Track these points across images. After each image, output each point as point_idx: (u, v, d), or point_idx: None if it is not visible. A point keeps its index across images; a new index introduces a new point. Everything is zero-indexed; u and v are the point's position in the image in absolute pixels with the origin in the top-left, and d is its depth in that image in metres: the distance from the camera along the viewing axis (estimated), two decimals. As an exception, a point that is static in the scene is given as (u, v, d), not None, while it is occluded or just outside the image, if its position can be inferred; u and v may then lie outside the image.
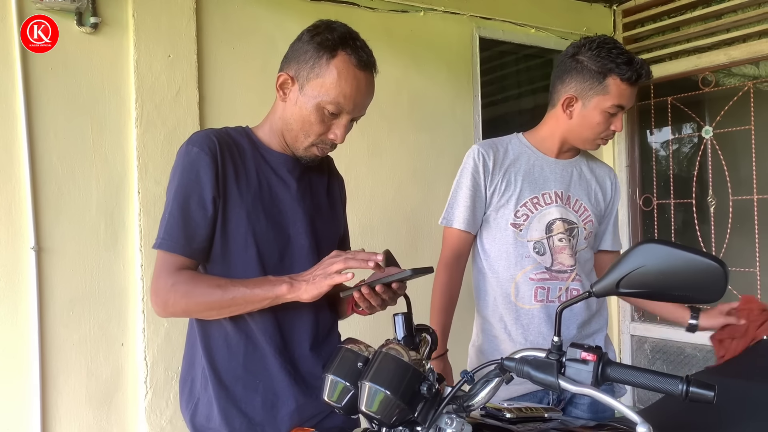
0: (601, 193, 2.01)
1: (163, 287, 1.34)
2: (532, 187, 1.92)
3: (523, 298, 1.90)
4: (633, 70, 1.80)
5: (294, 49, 1.42)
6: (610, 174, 2.06)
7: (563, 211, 1.91)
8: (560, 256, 1.90)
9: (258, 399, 1.39)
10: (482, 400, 1.17)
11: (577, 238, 1.92)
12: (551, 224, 1.90)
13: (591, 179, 2.00)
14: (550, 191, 1.92)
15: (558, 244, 1.89)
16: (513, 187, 1.91)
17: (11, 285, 2.29)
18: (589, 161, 2.04)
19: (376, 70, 1.43)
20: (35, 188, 2.33)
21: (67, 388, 2.39)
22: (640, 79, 1.82)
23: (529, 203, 1.91)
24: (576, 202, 1.94)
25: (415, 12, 3.28)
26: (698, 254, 0.97)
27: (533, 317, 1.89)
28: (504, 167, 1.93)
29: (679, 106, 3.85)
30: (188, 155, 1.37)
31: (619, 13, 3.99)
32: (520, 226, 1.90)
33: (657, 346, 3.85)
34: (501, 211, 1.92)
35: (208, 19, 2.70)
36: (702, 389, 0.98)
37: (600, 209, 2.00)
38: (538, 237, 1.89)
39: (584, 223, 1.94)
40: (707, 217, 3.73)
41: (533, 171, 1.94)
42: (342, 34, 1.38)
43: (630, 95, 1.84)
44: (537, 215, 1.90)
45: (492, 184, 1.93)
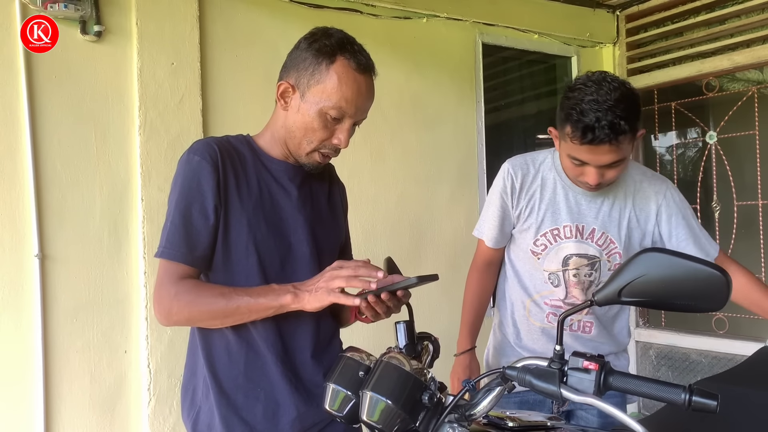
0: (641, 218, 1.83)
1: (166, 296, 1.33)
2: (555, 218, 1.84)
3: (535, 316, 1.91)
4: (585, 131, 1.57)
5: (292, 57, 1.43)
6: (659, 192, 1.83)
7: (580, 246, 1.83)
8: (574, 290, 1.86)
9: (259, 407, 1.39)
10: (484, 409, 1.16)
11: (599, 271, 1.84)
12: (568, 259, 1.85)
13: (626, 206, 1.82)
14: (571, 225, 1.83)
15: (572, 279, 1.85)
16: (535, 215, 1.86)
17: (15, 292, 2.30)
18: (629, 182, 1.83)
19: (375, 73, 1.43)
20: (39, 195, 2.34)
21: (70, 395, 2.39)
22: (595, 142, 1.57)
23: (549, 234, 1.86)
24: (602, 236, 1.82)
25: (418, 18, 3.28)
26: (700, 263, 0.97)
27: (543, 334, 1.91)
28: (530, 192, 1.87)
29: (683, 111, 3.84)
30: (189, 164, 1.37)
31: (622, 18, 3.99)
32: (539, 255, 1.88)
33: (662, 352, 3.83)
34: (523, 235, 1.91)
35: (211, 26, 2.71)
36: (705, 398, 0.97)
37: (639, 235, 1.84)
38: (554, 269, 1.86)
39: (608, 256, 1.83)
40: (712, 222, 3.72)
41: (556, 200, 1.85)
42: (339, 39, 1.38)
43: (588, 153, 1.61)
44: (555, 247, 1.85)
45: (517, 207, 1.90)
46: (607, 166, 1.65)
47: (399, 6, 3.19)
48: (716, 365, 3.57)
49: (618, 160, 1.64)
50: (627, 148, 1.64)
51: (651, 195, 1.84)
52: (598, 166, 1.65)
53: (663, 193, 1.84)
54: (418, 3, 3.25)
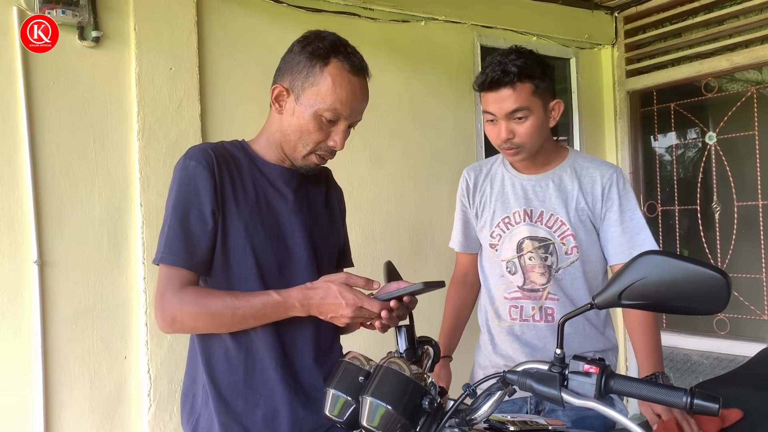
0: (589, 201, 1.84)
1: (169, 304, 1.33)
2: (505, 206, 1.91)
3: (501, 317, 1.93)
4: (483, 75, 1.77)
5: (286, 61, 1.43)
6: (604, 175, 1.85)
7: (532, 229, 1.86)
8: (531, 274, 1.87)
9: (258, 413, 1.39)
10: (485, 414, 1.16)
11: (556, 255, 1.85)
12: (521, 243, 1.87)
13: (572, 188, 1.85)
14: (519, 209, 1.88)
15: (529, 262, 1.86)
16: (489, 208, 1.95)
17: (14, 299, 2.29)
18: (575, 167, 1.88)
19: (369, 75, 1.44)
20: (38, 202, 2.33)
21: (70, 401, 2.38)
22: (491, 83, 1.75)
23: (501, 223, 1.91)
24: (550, 217, 1.85)
25: (416, 21, 3.28)
26: (700, 265, 0.96)
27: (509, 335, 1.90)
28: (482, 189, 1.98)
29: (682, 112, 3.84)
30: (185, 169, 1.37)
31: (620, 20, 3.99)
32: (496, 246, 1.92)
33: (663, 353, 3.81)
34: (483, 232, 1.98)
35: (209, 31, 2.71)
36: (707, 401, 0.96)
37: (589, 218, 1.85)
38: (509, 256, 1.89)
39: (561, 238, 1.84)
40: (712, 223, 3.71)
41: (504, 190, 1.93)
42: (332, 41, 1.39)
43: (492, 102, 1.77)
44: (508, 235, 1.90)
45: (473, 205, 2.01)
46: (515, 120, 1.76)
47: (397, 9, 3.19)
48: (718, 366, 3.57)
49: (520, 109, 1.74)
50: (530, 99, 1.75)
51: (597, 177, 1.85)
52: (505, 116, 1.75)
53: (609, 176, 1.85)
54: (416, 6, 3.25)
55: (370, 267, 2.12)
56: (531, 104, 1.75)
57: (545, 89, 1.80)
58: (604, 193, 1.84)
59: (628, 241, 1.81)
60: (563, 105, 1.88)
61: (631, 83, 3.99)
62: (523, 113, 1.75)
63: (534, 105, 1.76)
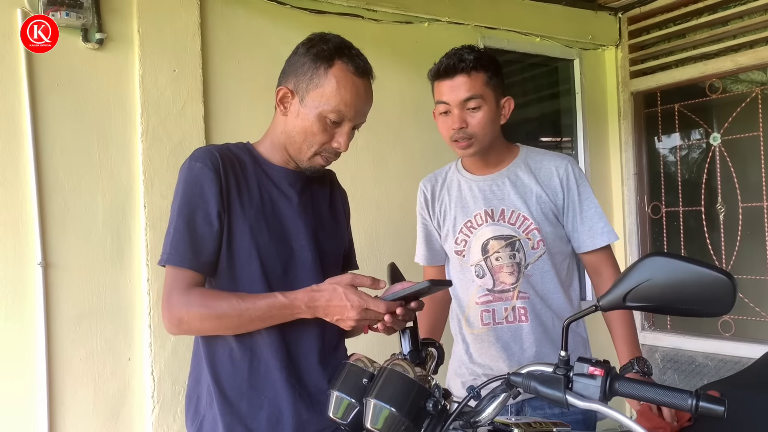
0: (549, 193, 1.85)
1: (176, 305, 1.33)
2: (465, 211, 1.90)
3: (472, 324, 1.90)
4: (439, 64, 1.83)
5: (291, 63, 1.44)
6: (559, 166, 1.86)
7: (495, 229, 1.85)
8: (500, 275, 1.85)
9: (263, 415, 1.39)
10: (489, 416, 1.15)
11: (523, 251, 1.84)
12: (486, 244, 1.86)
13: (530, 183, 1.85)
14: (480, 211, 1.87)
15: (496, 263, 1.84)
16: (450, 216, 1.94)
17: (18, 300, 2.30)
18: (529, 162, 1.89)
19: (373, 77, 1.45)
20: (42, 203, 2.34)
21: (74, 403, 2.39)
22: (447, 70, 1.79)
23: (464, 228, 1.90)
24: (512, 214, 1.85)
25: (420, 23, 3.28)
26: (705, 267, 0.96)
27: (483, 341, 1.87)
28: (441, 198, 1.98)
29: (687, 113, 3.83)
30: (191, 171, 1.38)
31: (624, 20, 3.98)
32: (462, 252, 1.90)
33: (668, 355, 3.82)
34: (447, 241, 1.96)
35: (213, 33, 2.71)
36: (712, 404, 0.96)
37: (551, 210, 1.85)
38: (477, 260, 1.87)
39: (526, 234, 1.83)
40: (717, 224, 3.70)
41: (463, 195, 1.92)
42: (337, 44, 1.40)
43: (447, 90, 1.80)
44: (473, 238, 1.88)
45: (434, 216, 2.00)
46: (468, 110, 1.78)
47: (400, 10, 3.19)
48: (723, 368, 3.55)
49: (474, 97, 1.76)
50: (483, 89, 1.78)
51: (553, 169, 1.86)
52: (459, 105, 1.77)
53: (564, 166, 1.86)
54: (420, 7, 3.25)
55: (374, 268, 2.11)
56: (484, 94, 1.78)
57: (497, 84, 1.83)
58: (563, 185, 1.85)
59: (588, 230, 1.85)
60: (513, 103, 1.89)
61: (635, 84, 3.98)
62: (477, 102, 1.77)
63: (487, 96, 1.79)
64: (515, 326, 1.84)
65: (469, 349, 1.92)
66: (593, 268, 1.89)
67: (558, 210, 1.85)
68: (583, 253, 1.88)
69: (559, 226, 1.86)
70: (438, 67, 1.82)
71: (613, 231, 1.87)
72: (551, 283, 1.85)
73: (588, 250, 1.86)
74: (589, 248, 1.85)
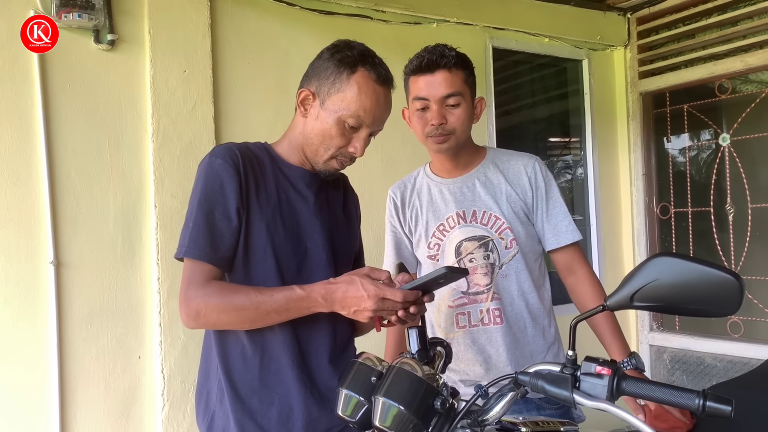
0: (519, 192, 1.85)
1: (194, 298, 1.34)
2: (437, 215, 1.89)
3: (446, 328, 1.87)
4: (419, 59, 1.79)
5: (315, 66, 1.46)
6: (527, 165, 1.87)
7: (468, 230, 1.84)
8: (474, 276, 1.83)
9: (273, 411, 1.40)
10: (497, 415, 1.16)
11: (497, 251, 1.83)
12: (459, 247, 1.84)
13: (499, 182, 1.86)
14: (452, 214, 1.86)
15: (469, 264, 1.83)
16: (421, 221, 1.92)
17: (31, 299, 2.32)
18: (497, 162, 1.90)
19: (393, 86, 1.47)
20: (54, 203, 2.36)
21: (85, 400, 2.41)
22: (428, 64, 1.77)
23: (437, 231, 1.89)
24: (483, 214, 1.84)
25: (428, 23, 3.29)
26: (713, 267, 0.96)
27: (459, 344, 1.85)
28: (411, 203, 1.96)
29: (696, 113, 3.82)
30: (212, 166, 1.39)
31: (633, 21, 3.98)
32: (436, 257, 1.88)
33: (676, 356, 3.81)
34: (419, 247, 1.94)
35: (223, 34, 2.73)
36: (719, 404, 0.96)
37: (522, 209, 1.85)
38: (451, 263, 1.85)
39: (498, 233, 1.82)
40: (726, 225, 3.69)
41: (433, 199, 1.91)
42: (361, 51, 1.43)
43: (426, 85, 1.77)
44: (446, 241, 1.87)
45: (405, 222, 1.97)
46: (447, 106, 1.76)
47: (409, 11, 3.20)
48: (731, 369, 3.54)
49: (454, 94, 1.75)
50: (462, 86, 1.77)
51: (521, 168, 1.87)
52: (438, 101, 1.76)
53: (531, 165, 1.87)
54: (428, 8, 3.26)
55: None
56: (463, 91, 1.78)
57: (473, 83, 1.84)
58: (531, 183, 1.85)
59: (553, 228, 1.85)
60: (485, 103, 1.89)
61: (643, 84, 3.98)
62: (456, 99, 1.77)
63: (465, 93, 1.79)
64: (490, 328, 1.82)
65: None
66: (566, 266, 1.89)
67: (528, 208, 1.86)
68: (551, 251, 1.88)
69: (529, 224, 1.86)
70: (419, 61, 1.78)
71: (577, 230, 1.87)
72: (525, 282, 1.84)
73: (553, 248, 1.87)
74: (555, 246, 1.86)
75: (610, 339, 1.79)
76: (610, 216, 4.00)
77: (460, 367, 1.86)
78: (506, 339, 1.81)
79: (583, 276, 1.87)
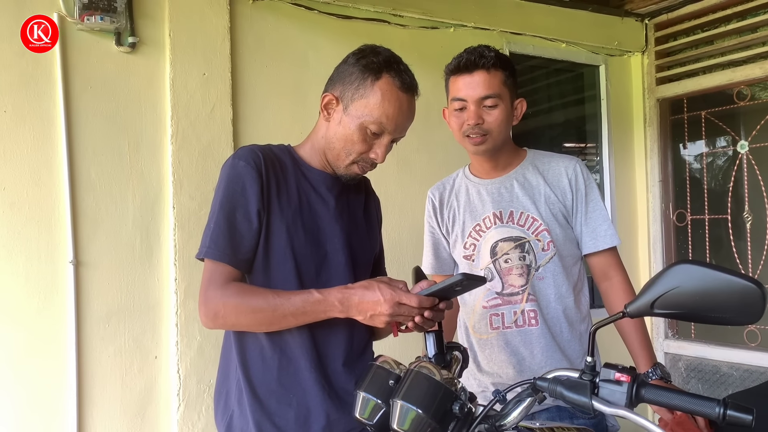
0: (558, 194, 1.84)
1: (213, 298, 1.36)
2: (474, 215, 1.89)
3: (480, 329, 1.87)
4: (458, 59, 1.83)
5: (339, 71, 1.47)
6: (568, 167, 1.86)
7: (504, 231, 1.83)
8: (509, 277, 1.82)
9: (291, 413, 1.41)
10: (514, 420, 1.16)
11: (533, 253, 1.82)
12: (495, 247, 1.84)
13: (538, 184, 1.85)
14: (489, 214, 1.86)
15: (505, 265, 1.83)
16: (459, 221, 1.93)
17: (50, 297, 2.35)
18: (537, 164, 1.90)
19: (417, 94, 1.48)
20: (74, 203, 2.39)
21: (102, 399, 2.43)
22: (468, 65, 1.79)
23: (473, 232, 1.89)
24: (521, 215, 1.83)
25: (446, 28, 3.30)
26: (735, 275, 0.96)
27: (492, 347, 1.84)
28: (450, 203, 1.97)
29: (714, 120, 3.79)
30: (234, 168, 1.41)
31: (651, 27, 3.96)
32: (471, 257, 1.88)
33: (692, 364, 3.78)
34: (456, 247, 1.94)
35: (242, 38, 2.75)
36: (740, 412, 0.96)
37: (561, 211, 1.84)
38: (486, 263, 1.85)
39: (535, 235, 1.82)
40: (743, 233, 3.66)
41: (471, 200, 1.91)
42: (386, 57, 1.44)
43: (465, 86, 1.79)
44: (482, 242, 1.86)
45: (443, 222, 1.98)
46: (485, 108, 1.78)
47: (426, 16, 3.21)
48: (748, 379, 3.51)
49: (492, 96, 1.76)
50: (501, 88, 1.78)
51: (562, 170, 1.86)
52: (476, 102, 1.77)
53: (572, 167, 1.86)
54: (446, 13, 3.26)
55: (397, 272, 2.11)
56: (502, 93, 1.78)
57: (513, 84, 1.83)
58: (572, 185, 1.85)
59: (592, 232, 1.84)
60: (526, 104, 1.89)
61: (661, 91, 3.95)
62: (494, 101, 1.77)
63: (504, 95, 1.79)
64: (525, 330, 1.81)
65: (477, 358, 1.89)
66: (601, 271, 1.88)
67: (567, 211, 1.85)
68: (588, 255, 1.87)
69: (568, 227, 1.85)
70: (458, 61, 1.81)
71: (616, 235, 1.86)
72: (563, 286, 1.83)
73: (590, 252, 1.85)
74: (591, 250, 1.85)
75: (638, 348, 1.79)
76: (626, 222, 3.98)
77: (492, 369, 1.85)
78: (542, 341, 1.80)
79: (618, 283, 1.86)
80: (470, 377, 1.90)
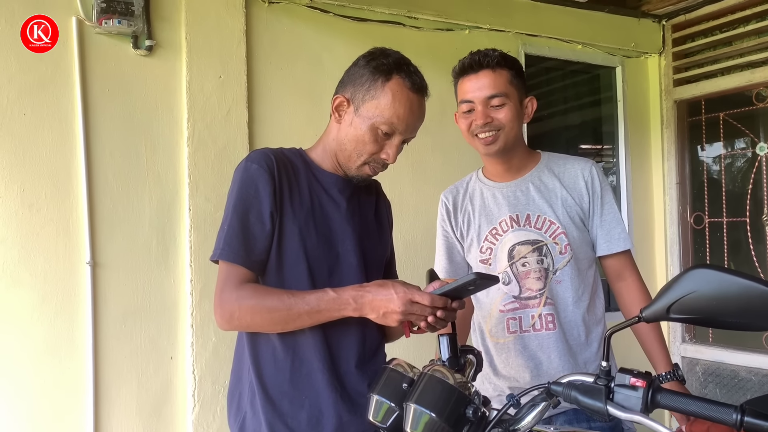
0: (575, 196, 1.84)
1: (228, 300, 1.37)
2: (489, 219, 1.88)
3: (497, 333, 1.86)
4: (464, 61, 1.83)
5: (350, 73, 1.49)
6: (584, 169, 1.86)
7: (522, 234, 1.82)
8: (527, 281, 1.81)
9: (303, 415, 1.41)
10: (528, 424, 1.16)
11: (551, 256, 1.81)
12: (512, 251, 1.83)
13: (554, 187, 1.85)
14: (505, 217, 1.85)
15: (522, 269, 1.81)
16: (474, 225, 1.91)
17: (68, 298, 2.38)
18: (552, 166, 1.89)
19: (428, 95, 1.49)
20: (91, 205, 2.42)
21: (118, 399, 2.45)
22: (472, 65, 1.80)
23: (489, 236, 1.87)
24: (538, 218, 1.82)
25: (460, 30, 3.29)
26: (753, 280, 0.95)
27: (509, 350, 1.83)
28: (464, 207, 1.95)
29: (732, 122, 3.75)
30: (247, 171, 1.42)
31: (668, 28, 3.93)
32: (488, 261, 1.87)
33: (709, 368, 3.73)
34: (471, 251, 1.93)
35: (257, 41, 2.76)
36: (758, 419, 0.95)
37: (578, 214, 1.83)
38: (503, 267, 1.84)
39: (553, 238, 1.80)
40: (762, 236, 3.61)
41: (486, 203, 1.90)
42: (397, 59, 1.45)
43: (472, 87, 1.80)
44: (499, 245, 1.85)
45: (457, 226, 1.97)
46: (493, 107, 1.78)
47: (441, 18, 3.21)
48: (767, 384, 3.46)
49: (498, 95, 1.77)
50: (507, 87, 1.78)
51: (578, 172, 1.86)
52: (483, 102, 1.77)
53: (588, 169, 1.86)
54: (461, 15, 3.26)
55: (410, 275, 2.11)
56: (508, 92, 1.78)
57: (520, 83, 1.83)
58: (588, 187, 1.85)
59: (606, 234, 1.85)
60: (536, 102, 1.88)
61: (678, 92, 3.92)
62: (501, 100, 1.77)
63: (511, 94, 1.79)
64: (542, 334, 1.80)
65: (493, 362, 1.87)
66: (615, 272, 1.89)
67: (584, 213, 1.85)
68: (602, 257, 1.87)
69: (584, 230, 1.85)
70: (462, 63, 1.82)
71: (629, 238, 1.88)
72: (579, 289, 1.82)
73: (605, 254, 1.86)
74: (606, 252, 1.85)
75: (656, 352, 1.79)
76: (642, 225, 3.95)
77: (509, 374, 1.84)
78: (559, 345, 1.79)
79: (632, 282, 1.87)
80: (486, 381, 1.89)
